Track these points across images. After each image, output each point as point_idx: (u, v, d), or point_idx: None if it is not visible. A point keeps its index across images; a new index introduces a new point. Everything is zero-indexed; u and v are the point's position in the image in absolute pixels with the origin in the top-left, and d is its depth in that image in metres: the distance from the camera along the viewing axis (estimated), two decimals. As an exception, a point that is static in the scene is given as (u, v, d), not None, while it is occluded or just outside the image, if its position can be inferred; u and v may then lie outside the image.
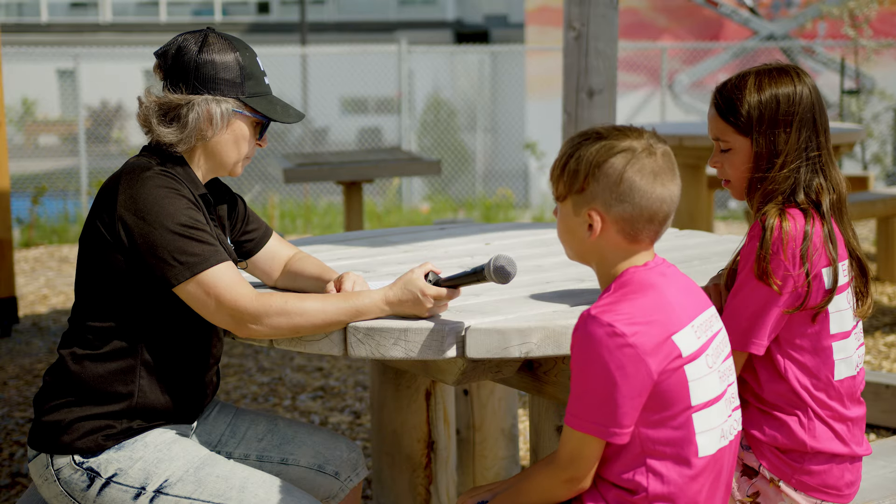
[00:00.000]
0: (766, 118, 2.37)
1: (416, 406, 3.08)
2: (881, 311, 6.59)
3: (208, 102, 2.43)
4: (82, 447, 2.39)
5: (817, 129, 2.40)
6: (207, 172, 2.53)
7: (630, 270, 2.08)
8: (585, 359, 1.99)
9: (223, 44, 2.46)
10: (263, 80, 2.52)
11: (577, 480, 2.07)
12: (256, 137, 2.53)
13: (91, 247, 2.41)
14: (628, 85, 15.70)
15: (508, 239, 3.44)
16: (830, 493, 2.39)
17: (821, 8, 14.92)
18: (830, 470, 2.38)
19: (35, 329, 6.67)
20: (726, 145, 2.43)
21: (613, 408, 1.98)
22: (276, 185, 13.63)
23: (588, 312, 2.02)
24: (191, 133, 2.44)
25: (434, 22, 23.60)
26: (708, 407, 2.07)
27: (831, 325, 2.38)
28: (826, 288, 2.34)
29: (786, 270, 2.29)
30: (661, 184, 2.05)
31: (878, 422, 4.49)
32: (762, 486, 2.41)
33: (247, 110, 2.48)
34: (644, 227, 2.06)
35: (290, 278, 2.69)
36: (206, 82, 2.44)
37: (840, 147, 7.28)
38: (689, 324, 2.06)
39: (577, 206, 2.09)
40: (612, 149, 2.06)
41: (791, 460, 2.38)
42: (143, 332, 2.42)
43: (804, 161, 2.38)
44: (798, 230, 2.31)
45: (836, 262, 2.35)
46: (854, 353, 2.43)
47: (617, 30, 4.56)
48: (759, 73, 2.41)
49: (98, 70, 16.69)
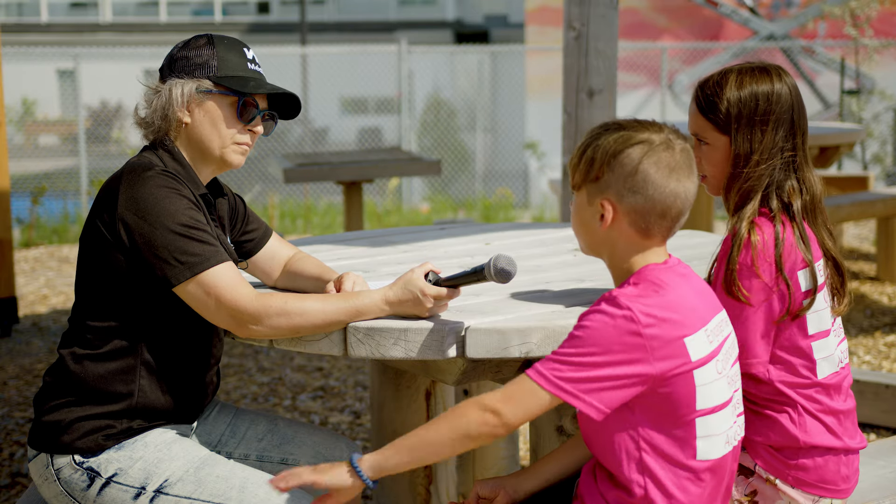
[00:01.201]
0: (744, 116, 2.38)
1: (416, 406, 3.08)
2: (881, 310, 6.59)
3: (173, 86, 2.47)
4: (82, 447, 2.39)
5: (794, 129, 2.40)
6: (200, 163, 2.52)
7: (650, 267, 2.07)
8: (588, 329, 1.97)
9: (207, 41, 2.51)
10: (245, 66, 2.52)
11: (500, 419, 1.98)
12: (239, 118, 2.51)
13: (91, 246, 2.41)
14: (628, 85, 15.70)
15: (508, 239, 3.44)
16: (828, 488, 2.39)
17: (822, 7, 14.93)
18: (826, 464, 2.38)
19: (35, 329, 6.67)
20: (704, 141, 2.44)
21: (595, 381, 1.95)
22: (276, 185, 13.62)
23: (610, 293, 2.01)
24: (154, 115, 2.47)
25: (434, 22, 23.61)
26: (714, 413, 2.06)
27: (809, 325, 2.37)
28: (804, 290, 2.34)
29: (763, 285, 2.29)
30: (676, 179, 2.04)
31: (878, 422, 4.48)
32: (759, 485, 2.41)
33: (217, 89, 2.48)
34: (656, 221, 2.05)
35: (290, 278, 2.69)
36: (176, 70, 2.49)
37: (840, 147, 7.28)
38: (703, 328, 2.04)
39: (591, 196, 2.08)
40: (629, 139, 2.05)
41: (785, 457, 2.37)
42: (143, 332, 2.42)
43: (779, 160, 2.38)
44: (768, 240, 2.32)
45: (811, 263, 2.34)
46: (836, 351, 2.43)
47: (617, 30, 4.56)
48: (741, 71, 2.42)
49: (98, 70, 16.68)
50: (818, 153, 7.26)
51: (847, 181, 8.44)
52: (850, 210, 6.92)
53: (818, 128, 7.76)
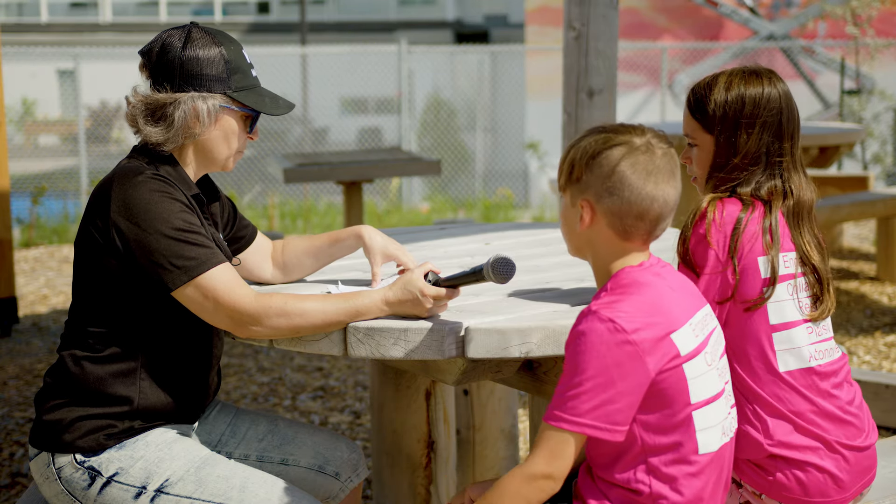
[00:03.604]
0: (729, 117, 2.39)
1: (416, 406, 3.08)
2: (881, 310, 6.59)
3: (194, 100, 2.41)
4: (83, 446, 2.39)
5: (782, 134, 2.40)
6: (199, 169, 2.52)
7: (626, 270, 2.08)
8: (582, 354, 1.98)
9: (207, 38, 2.44)
10: (250, 73, 2.50)
11: (554, 481, 2.01)
12: (247, 131, 2.52)
13: (86, 251, 2.40)
14: (628, 85, 15.70)
15: (508, 239, 3.44)
16: (815, 501, 2.33)
17: (823, 7, 14.92)
18: (808, 478, 2.31)
19: (35, 329, 6.67)
20: (693, 141, 2.46)
21: (608, 405, 1.97)
22: (276, 185, 13.62)
23: (588, 309, 2.02)
24: (178, 132, 2.42)
25: (434, 22, 23.60)
26: (708, 404, 2.07)
27: (770, 315, 2.33)
28: (763, 277, 2.32)
29: (716, 257, 2.29)
30: (654, 182, 2.05)
31: (878, 422, 4.48)
32: (749, 497, 2.40)
33: (234, 105, 2.46)
34: (633, 223, 2.05)
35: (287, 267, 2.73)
36: (191, 79, 2.42)
37: (840, 147, 7.28)
38: (688, 322, 2.06)
39: (573, 197, 2.10)
40: (608, 141, 2.07)
41: (764, 473, 2.33)
42: (142, 336, 2.42)
43: (763, 165, 2.38)
44: (728, 217, 2.31)
45: (774, 251, 2.32)
46: (806, 346, 2.36)
47: (617, 30, 4.56)
48: (732, 74, 2.44)
49: (98, 70, 16.67)
50: (818, 153, 7.27)
51: (847, 181, 8.44)
52: (850, 210, 6.92)
53: (818, 128, 7.76)
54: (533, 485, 2.01)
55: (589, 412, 1.97)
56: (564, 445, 2.00)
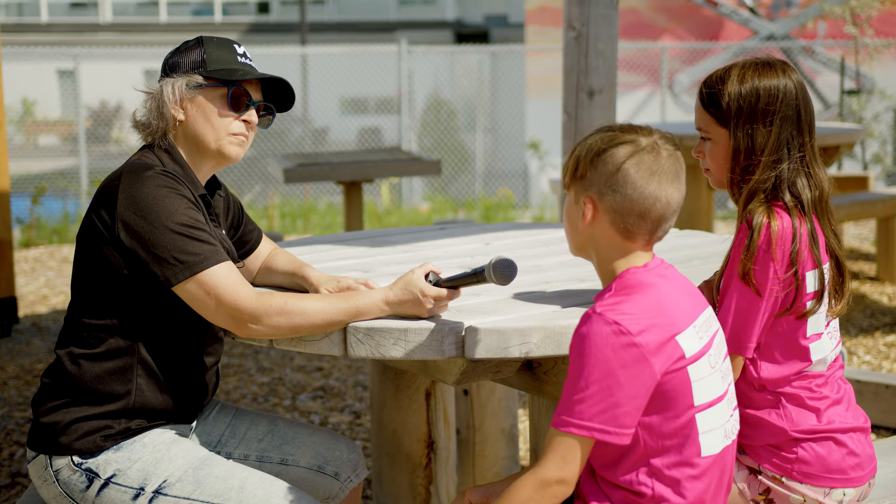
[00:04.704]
0: (744, 110, 2.36)
1: (416, 406, 3.08)
2: (881, 310, 6.59)
3: (164, 85, 2.50)
4: (81, 448, 2.39)
5: (801, 126, 2.38)
6: (198, 160, 2.53)
7: (630, 271, 2.07)
8: (587, 357, 1.97)
9: (196, 42, 2.54)
10: (235, 59, 2.54)
11: (567, 485, 2.02)
12: (231, 109, 2.51)
13: (88, 244, 2.41)
14: (628, 85, 15.70)
15: (508, 239, 3.44)
16: (835, 477, 2.36)
17: (823, 7, 14.92)
18: (829, 454, 2.36)
19: (35, 329, 6.67)
20: (707, 135, 2.43)
21: (615, 408, 1.97)
22: (276, 185, 13.63)
23: (593, 310, 2.01)
24: (150, 117, 2.50)
25: (434, 22, 23.61)
26: (711, 407, 2.06)
27: (808, 327, 2.37)
28: (808, 291, 2.34)
29: (774, 273, 2.28)
30: (658, 182, 2.04)
31: (878, 422, 4.48)
32: (769, 483, 2.40)
33: (207, 82, 2.50)
34: (636, 222, 2.05)
35: (265, 274, 2.75)
36: (168, 72, 2.53)
37: (840, 147, 7.28)
38: (692, 324, 2.05)
39: (577, 194, 2.10)
40: (614, 139, 2.06)
41: (784, 453, 2.36)
42: (140, 331, 2.42)
43: (787, 159, 2.36)
44: (787, 229, 2.30)
45: (821, 264, 2.34)
46: (829, 353, 2.42)
47: (617, 30, 4.56)
48: (745, 66, 2.41)
49: (98, 70, 16.69)
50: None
51: (847, 181, 8.44)
52: (850, 210, 6.92)
53: (818, 128, 7.75)
54: (547, 491, 2.02)
55: (597, 416, 1.97)
56: (575, 450, 2.00)
